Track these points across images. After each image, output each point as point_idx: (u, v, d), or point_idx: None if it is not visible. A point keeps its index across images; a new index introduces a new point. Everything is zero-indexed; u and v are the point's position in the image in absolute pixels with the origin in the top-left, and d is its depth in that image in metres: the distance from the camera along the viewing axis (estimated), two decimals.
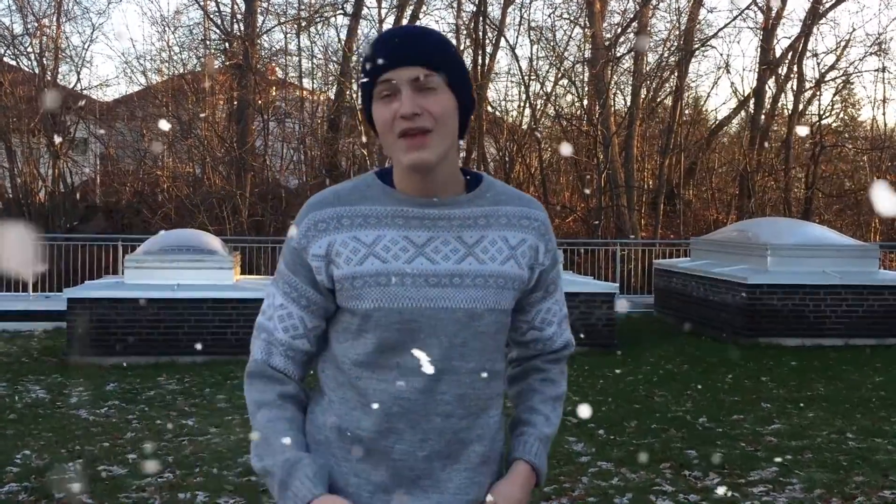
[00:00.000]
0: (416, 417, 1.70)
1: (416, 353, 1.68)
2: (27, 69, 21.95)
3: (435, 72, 1.66)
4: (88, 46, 40.47)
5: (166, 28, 29.79)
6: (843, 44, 26.46)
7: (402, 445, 1.71)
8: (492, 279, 1.73)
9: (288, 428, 1.74)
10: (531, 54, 26.29)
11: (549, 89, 23.63)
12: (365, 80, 1.70)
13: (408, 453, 1.71)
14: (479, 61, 22.53)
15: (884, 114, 40.73)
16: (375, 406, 1.70)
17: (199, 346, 9.42)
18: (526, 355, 1.94)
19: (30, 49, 21.80)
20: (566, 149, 21.38)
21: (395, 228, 1.71)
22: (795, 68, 22.80)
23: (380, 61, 1.65)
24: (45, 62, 21.43)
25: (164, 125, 19.50)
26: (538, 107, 23.27)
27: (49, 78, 21.32)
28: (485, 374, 1.75)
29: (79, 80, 26.93)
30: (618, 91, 23.81)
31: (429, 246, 1.71)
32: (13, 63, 21.97)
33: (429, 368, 1.68)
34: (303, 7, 23.15)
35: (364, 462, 1.73)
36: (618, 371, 9.62)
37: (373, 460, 1.72)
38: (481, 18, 22.31)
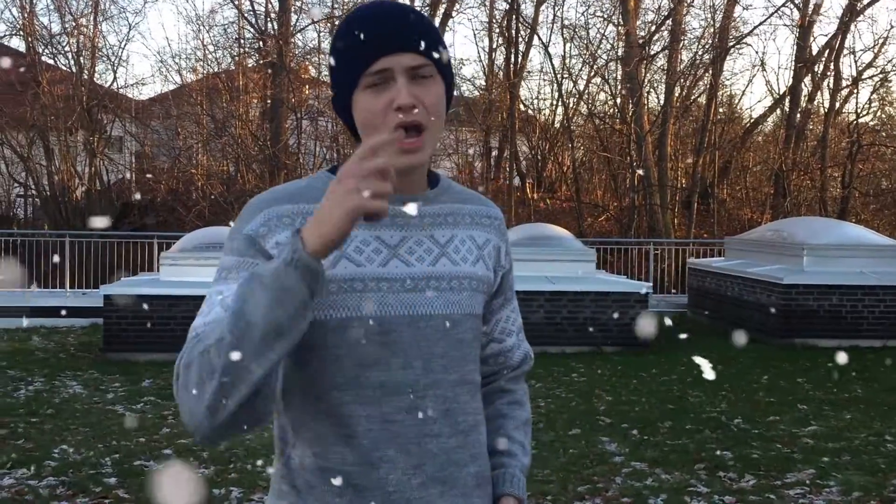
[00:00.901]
0: (405, 441, 1.52)
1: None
2: (65, 68, 22.25)
3: (429, 58, 1.51)
4: (125, 45, 40.92)
5: (201, 27, 30.10)
6: (881, 41, 26.17)
7: (396, 475, 1.52)
8: (466, 281, 1.60)
9: None
10: (564, 52, 26.14)
11: (581, 87, 23.58)
12: (347, 65, 1.52)
13: (402, 483, 1.52)
14: (512, 59, 22.52)
15: None
16: (362, 435, 1.51)
17: None
18: (487, 373, 1.77)
19: (67, 48, 22.11)
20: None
21: (365, 228, 1.53)
22: (832, 66, 22.56)
23: (372, 46, 1.49)
24: (82, 61, 21.71)
25: None
26: (571, 105, 23.20)
27: (86, 77, 21.56)
28: (467, 387, 1.61)
29: (115, 78, 27.26)
30: (651, 89, 23.70)
31: (402, 247, 1.56)
32: (51, 62, 22.28)
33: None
34: (336, 6, 23.26)
35: (356, 503, 1.52)
36: (652, 371, 9.56)
37: (364, 498, 1.52)
38: (514, 16, 22.29)
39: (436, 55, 1.53)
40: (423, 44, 1.51)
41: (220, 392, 1.33)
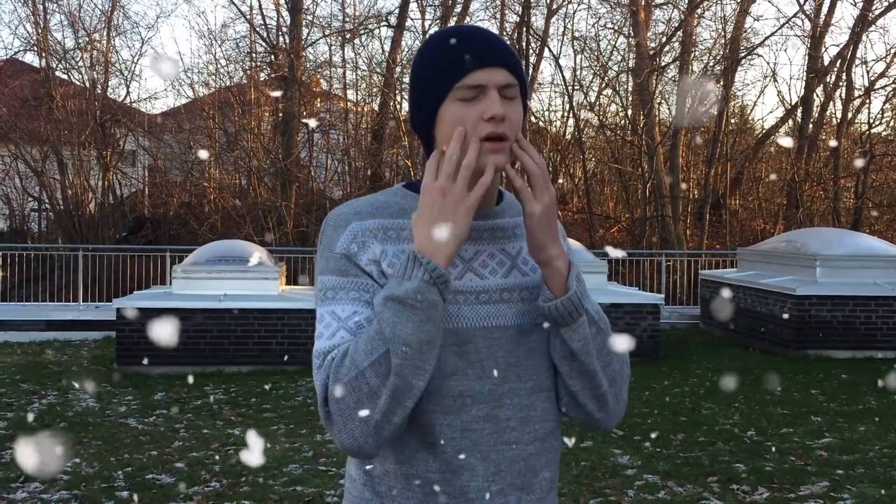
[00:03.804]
0: (485, 449, 1.57)
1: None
2: (78, 83, 22.40)
3: (518, 79, 1.58)
4: (137, 60, 40.94)
5: (213, 41, 30.22)
6: (893, 51, 26.05)
7: (477, 482, 1.56)
8: (535, 291, 1.65)
9: None
10: (575, 64, 26.17)
11: (592, 99, 23.57)
12: (440, 77, 1.56)
13: (482, 489, 1.57)
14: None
15: None
16: (444, 442, 1.55)
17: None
18: None
19: (81, 63, 22.26)
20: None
21: None
22: (844, 76, 22.49)
23: (470, 59, 1.54)
24: (95, 76, 21.84)
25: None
26: (582, 117, 23.20)
27: (99, 91, 21.70)
28: (544, 394, 1.65)
29: (128, 93, 27.32)
30: (662, 100, 23.67)
31: (476, 260, 1.62)
32: (65, 77, 22.43)
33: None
34: (347, 19, 23.36)
35: None
36: (665, 383, 9.53)
37: None
38: (525, 29, 22.32)
39: (521, 77, 1.60)
40: (513, 64, 1.57)
41: (388, 412, 1.45)
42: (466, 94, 1.54)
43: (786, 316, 11.30)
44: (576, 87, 23.02)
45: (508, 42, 22.36)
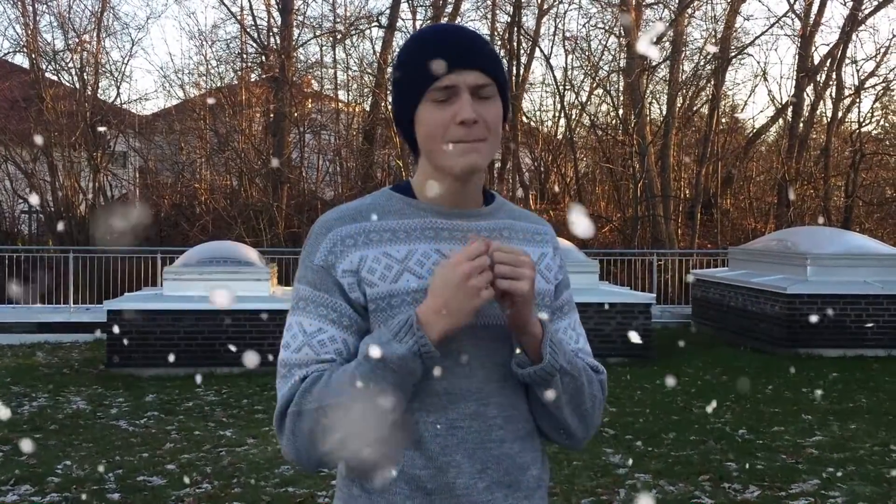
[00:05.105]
0: (471, 447, 1.58)
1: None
2: (68, 84, 22.30)
3: (492, 79, 1.59)
4: (128, 61, 40.98)
5: (204, 42, 30.17)
6: (882, 50, 26.14)
7: (463, 479, 1.58)
8: None
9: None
10: (566, 64, 26.27)
11: (584, 99, 23.60)
12: (414, 80, 1.59)
13: (469, 486, 1.58)
14: (514, 71, 22.56)
15: None
16: (430, 440, 1.57)
17: (233, 348, 9.66)
18: None
19: (71, 64, 22.17)
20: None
21: (426, 242, 1.61)
22: (834, 75, 22.54)
23: (441, 62, 1.55)
24: (85, 77, 21.77)
25: None
26: (573, 117, 23.23)
27: (89, 92, 21.63)
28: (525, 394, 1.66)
29: (118, 94, 27.27)
30: (653, 100, 23.70)
31: None
32: (55, 78, 22.35)
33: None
34: (338, 20, 23.34)
35: None
36: (656, 382, 9.54)
37: (433, 501, 1.58)
38: (516, 29, 22.34)
39: (497, 77, 1.61)
40: (487, 65, 1.59)
41: (335, 452, 1.52)
42: (439, 96, 1.57)
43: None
44: (567, 87, 23.06)
45: (499, 42, 22.53)
